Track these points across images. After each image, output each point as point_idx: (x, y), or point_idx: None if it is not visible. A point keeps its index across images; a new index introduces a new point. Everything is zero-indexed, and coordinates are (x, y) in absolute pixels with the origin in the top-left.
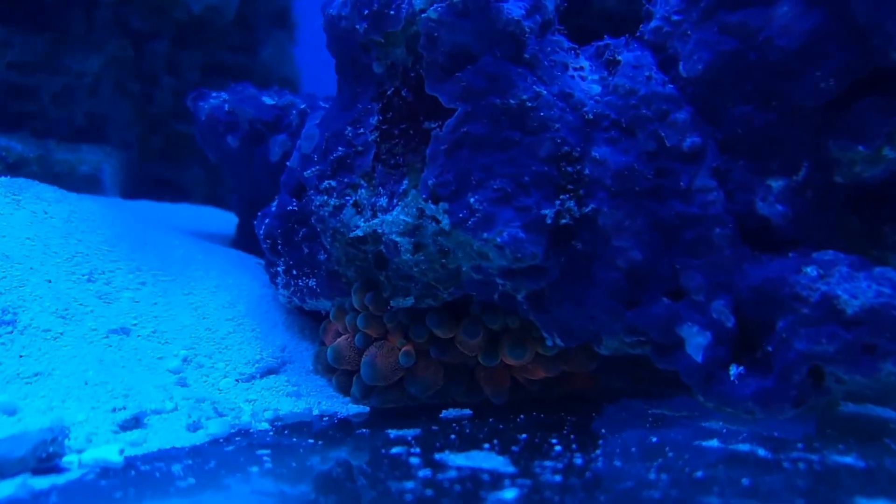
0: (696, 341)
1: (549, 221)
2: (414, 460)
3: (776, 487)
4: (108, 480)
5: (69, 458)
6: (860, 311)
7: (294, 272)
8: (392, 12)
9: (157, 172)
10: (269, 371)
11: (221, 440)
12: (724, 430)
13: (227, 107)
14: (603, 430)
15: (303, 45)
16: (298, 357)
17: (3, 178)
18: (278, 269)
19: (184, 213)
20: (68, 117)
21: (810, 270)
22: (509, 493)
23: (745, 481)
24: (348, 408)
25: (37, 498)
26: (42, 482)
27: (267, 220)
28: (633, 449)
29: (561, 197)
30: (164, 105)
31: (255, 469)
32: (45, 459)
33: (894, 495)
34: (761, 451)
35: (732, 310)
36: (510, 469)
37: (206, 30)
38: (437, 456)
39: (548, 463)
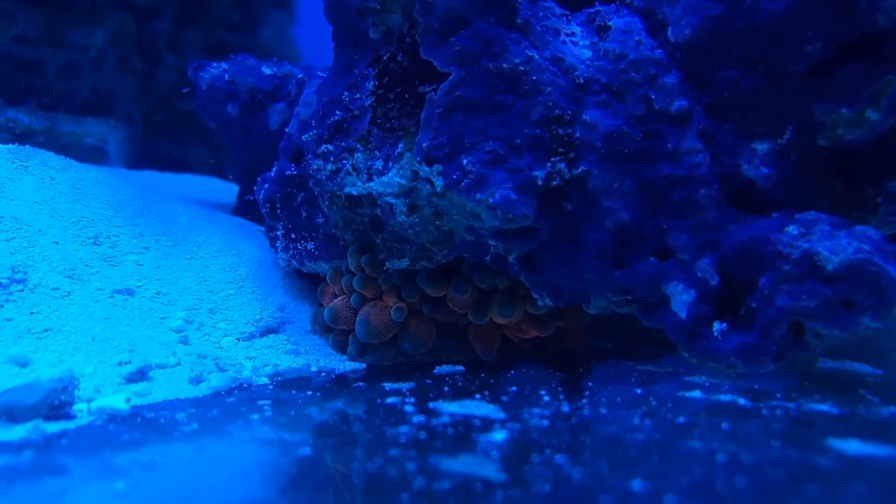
0: (680, 299)
1: (540, 183)
2: (408, 408)
3: (754, 431)
4: (115, 425)
5: (79, 406)
6: (840, 268)
7: (293, 235)
8: None
9: (161, 149)
10: (269, 330)
11: (223, 392)
12: (707, 384)
13: (227, 76)
14: (590, 384)
15: (302, 28)
16: (297, 317)
17: (11, 146)
18: (277, 232)
19: (186, 182)
20: (73, 91)
21: (792, 229)
22: (499, 435)
23: (725, 426)
24: (345, 365)
25: (49, 440)
26: (54, 426)
27: (266, 185)
28: (619, 399)
29: (552, 159)
30: (167, 82)
31: (255, 417)
32: (57, 407)
33: (866, 437)
34: (741, 401)
35: (717, 268)
36: (500, 415)
37: (207, 8)
38: (431, 405)
39: (536, 410)
